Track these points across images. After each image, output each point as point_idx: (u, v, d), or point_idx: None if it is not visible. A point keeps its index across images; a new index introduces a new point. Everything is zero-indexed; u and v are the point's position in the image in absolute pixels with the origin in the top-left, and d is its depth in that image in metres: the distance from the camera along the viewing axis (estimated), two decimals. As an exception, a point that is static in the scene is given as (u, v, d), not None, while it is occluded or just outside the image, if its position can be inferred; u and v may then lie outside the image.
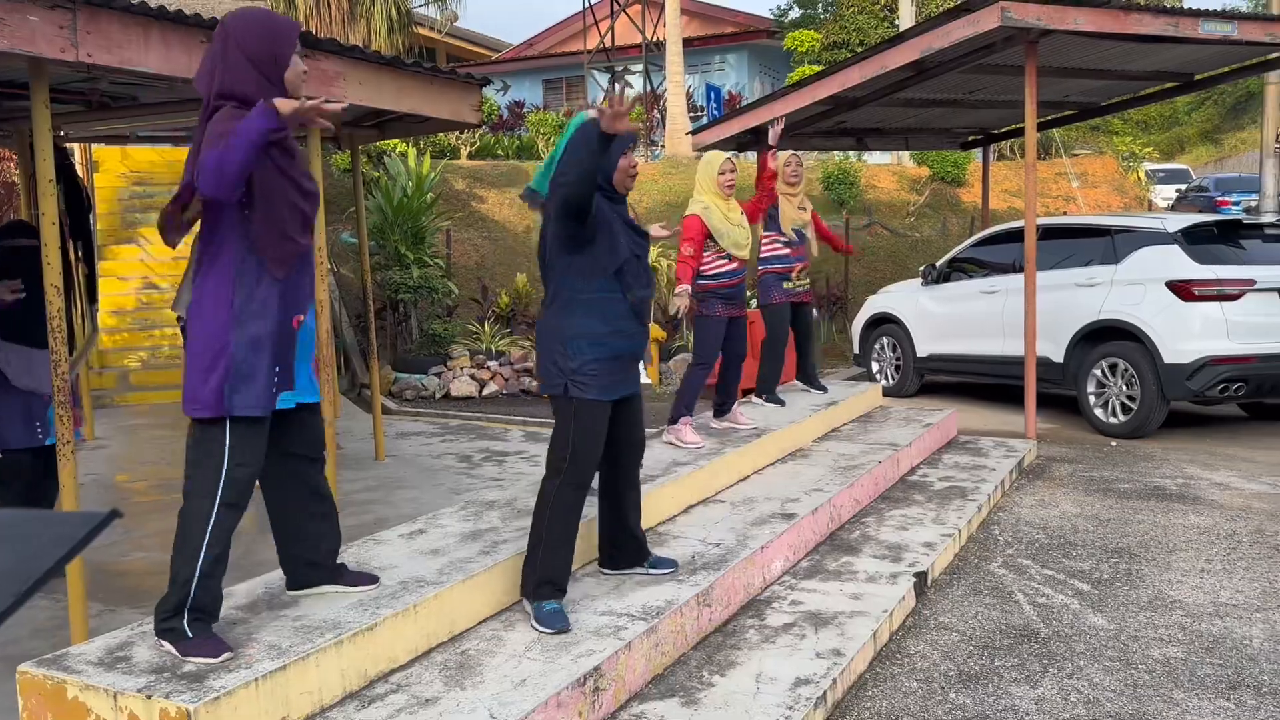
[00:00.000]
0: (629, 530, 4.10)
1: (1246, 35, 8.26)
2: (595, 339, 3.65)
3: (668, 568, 4.15)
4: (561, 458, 3.68)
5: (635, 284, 3.77)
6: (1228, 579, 4.79)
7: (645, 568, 4.14)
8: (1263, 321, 7.56)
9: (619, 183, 3.80)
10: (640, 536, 4.15)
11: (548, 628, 3.54)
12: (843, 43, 24.76)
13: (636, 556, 4.14)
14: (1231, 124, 34.95)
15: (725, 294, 5.88)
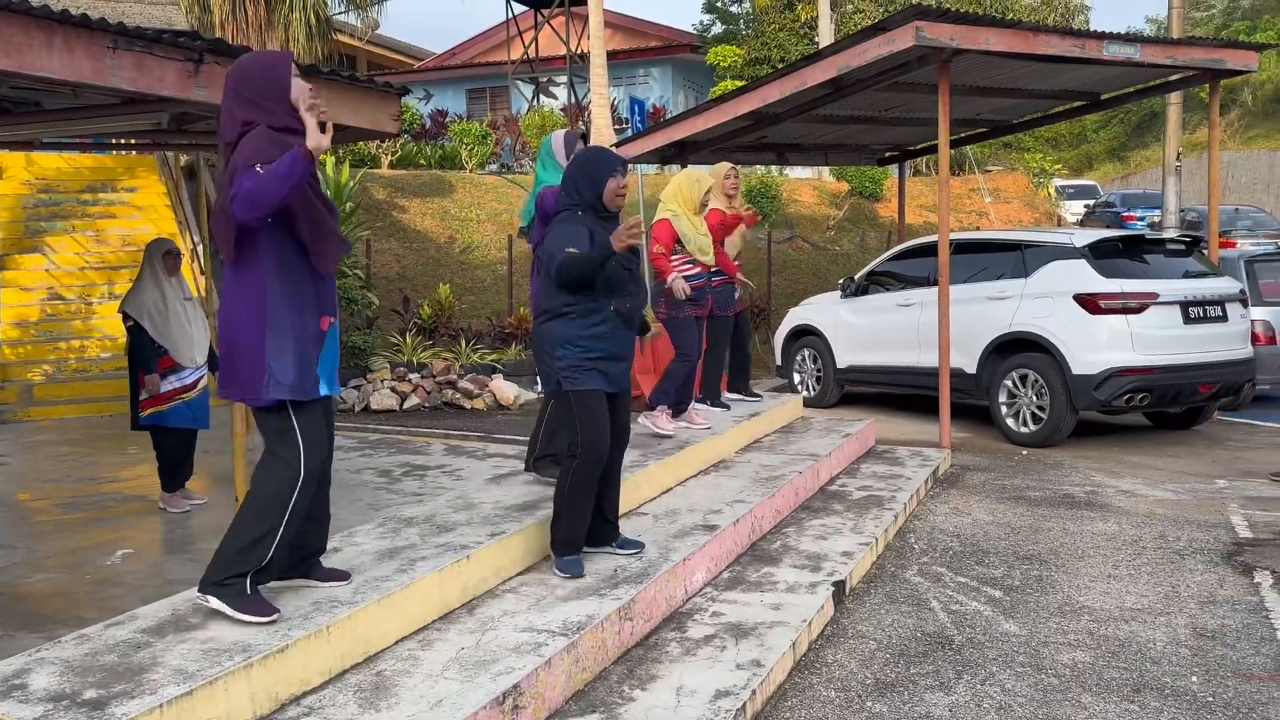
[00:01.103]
0: (603, 514, 4.52)
1: (1149, 58, 8.61)
2: (581, 343, 4.20)
3: (634, 548, 4.56)
4: (574, 443, 4.25)
5: (623, 295, 4.27)
6: (1133, 584, 4.95)
7: (613, 546, 4.57)
8: (1165, 334, 7.86)
9: (609, 202, 4.29)
10: (612, 520, 4.57)
11: (566, 573, 4.24)
12: (764, 59, 25.11)
13: (606, 537, 4.56)
14: (1137, 142, 36.33)
15: (692, 296, 6.44)
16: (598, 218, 4.27)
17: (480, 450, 8.09)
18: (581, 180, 4.29)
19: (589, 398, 4.23)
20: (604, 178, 4.26)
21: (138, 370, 5.92)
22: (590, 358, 4.21)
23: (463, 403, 10.74)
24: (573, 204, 4.31)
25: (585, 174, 4.30)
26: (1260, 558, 5.29)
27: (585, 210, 4.27)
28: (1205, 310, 8.05)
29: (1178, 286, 8.05)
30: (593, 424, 4.22)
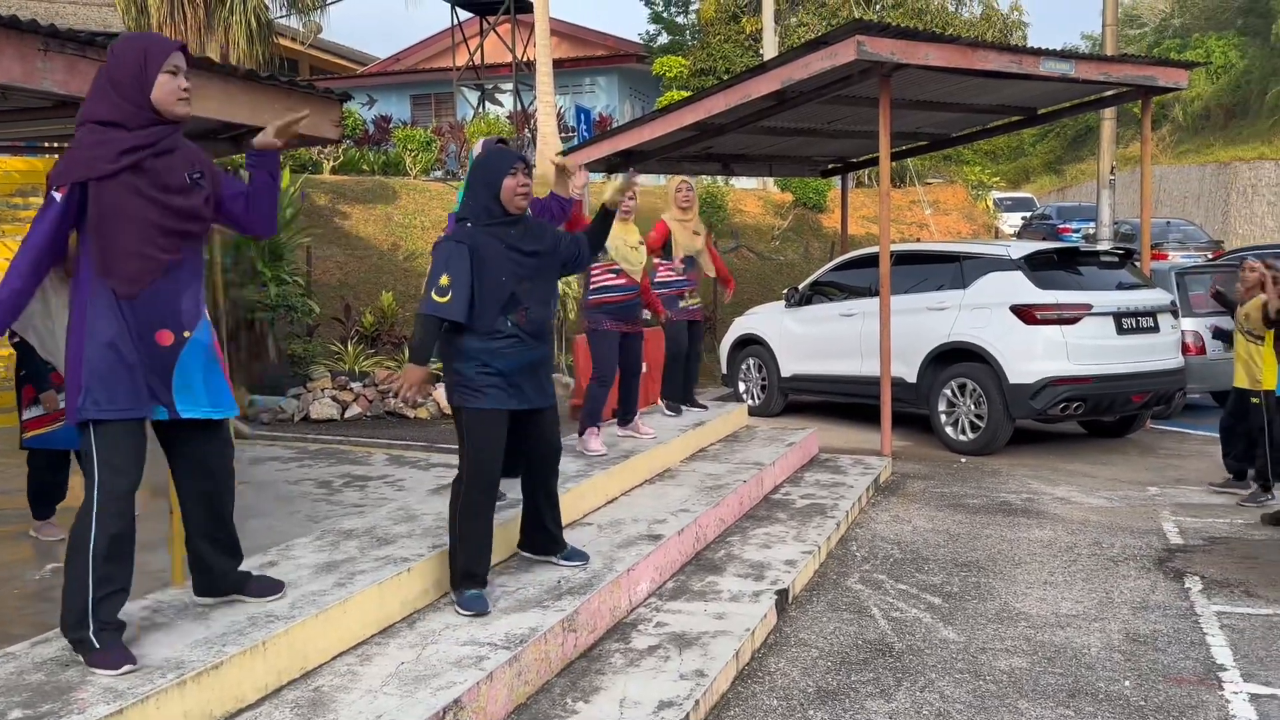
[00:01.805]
0: (544, 528, 4.44)
1: (1083, 74, 8.83)
2: (479, 357, 3.92)
3: (579, 560, 4.49)
4: (463, 466, 3.99)
5: (527, 303, 3.99)
6: (1068, 590, 5.04)
7: (558, 558, 4.49)
8: (1099, 344, 8.04)
9: (508, 202, 3.98)
10: (554, 532, 4.47)
11: (468, 610, 3.90)
12: (710, 70, 25.29)
13: (551, 548, 4.49)
14: (1072, 156, 37.18)
15: (613, 309, 6.19)
16: (497, 224, 3.96)
17: (423, 460, 8.01)
18: (479, 182, 4.02)
19: (483, 417, 3.93)
20: (499, 177, 3.95)
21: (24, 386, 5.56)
22: (487, 373, 3.91)
23: (405, 412, 10.62)
24: (469, 213, 4.01)
25: (481, 175, 4.03)
26: (1190, 563, 5.43)
27: (480, 216, 3.96)
28: (1137, 321, 8.25)
29: (1111, 298, 8.25)
30: (483, 445, 3.93)
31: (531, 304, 4.01)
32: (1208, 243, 18.45)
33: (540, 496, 4.38)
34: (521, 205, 4.00)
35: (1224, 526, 6.14)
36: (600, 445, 6.16)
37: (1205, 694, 3.81)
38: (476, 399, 3.93)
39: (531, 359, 4.04)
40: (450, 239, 3.98)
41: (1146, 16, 42.74)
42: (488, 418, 3.94)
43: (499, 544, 4.31)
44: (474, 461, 3.94)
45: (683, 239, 7.15)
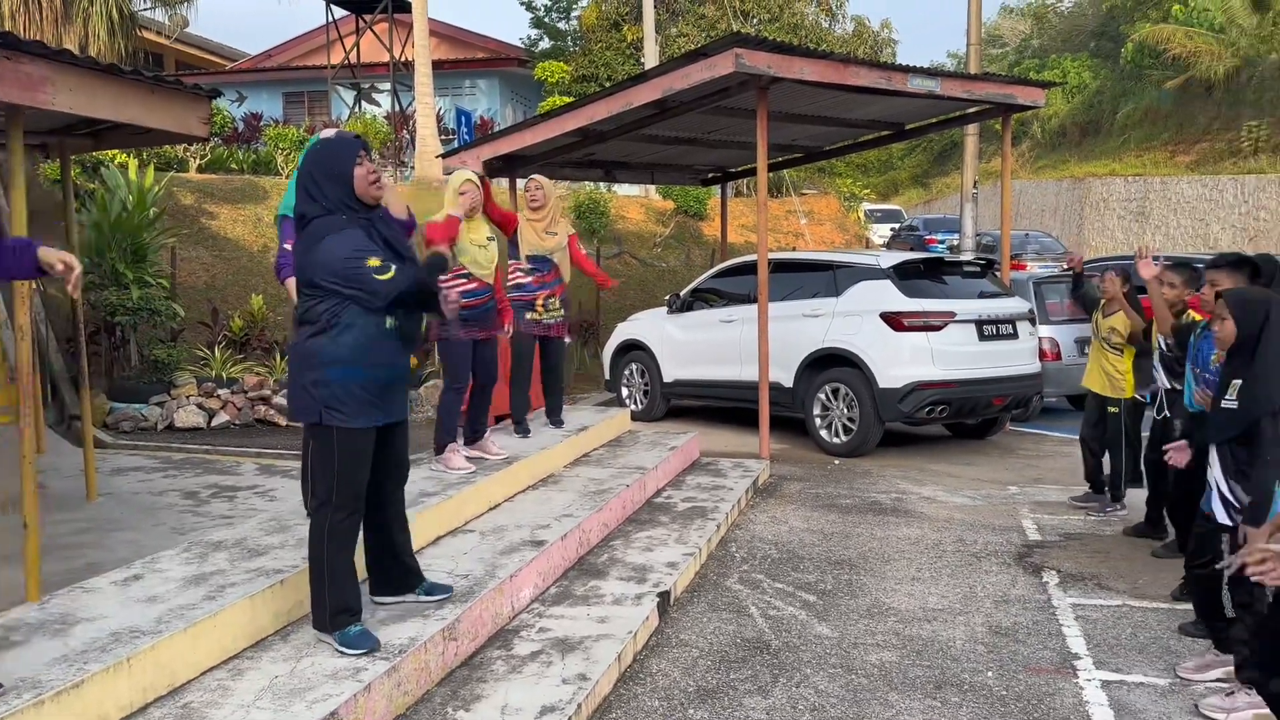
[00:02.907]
0: (397, 557, 4.02)
1: (948, 91, 9.21)
2: (353, 365, 3.54)
3: (442, 594, 4.11)
4: (328, 488, 3.59)
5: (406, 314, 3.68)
6: (934, 585, 5.26)
7: (418, 594, 4.07)
8: (962, 350, 8.40)
9: (363, 193, 3.64)
10: (409, 563, 4.08)
11: (358, 649, 3.54)
12: (592, 76, 25.39)
13: (407, 582, 4.06)
14: (938, 170, 38.74)
15: (465, 315, 5.71)
16: (360, 217, 3.62)
17: (295, 470, 7.76)
18: (324, 178, 3.58)
19: (354, 436, 3.55)
20: (348, 168, 3.58)
21: None
22: (361, 384, 3.54)
23: (276, 419, 10.30)
24: (323, 210, 3.57)
25: (324, 168, 3.60)
26: (1048, 558, 5.73)
27: (339, 211, 3.58)
28: (998, 328, 8.66)
29: (974, 306, 8.62)
30: (357, 467, 3.58)
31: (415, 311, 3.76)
32: (1064, 254, 19.45)
33: (392, 523, 3.96)
34: (377, 195, 3.66)
35: (1078, 524, 6.49)
36: (464, 461, 5.83)
37: (1062, 682, 4.03)
38: (345, 415, 3.53)
39: (405, 367, 3.79)
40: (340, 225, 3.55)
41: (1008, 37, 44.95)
42: (359, 436, 3.58)
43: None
44: (343, 485, 3.56)
45: (531, 238, 6.72)
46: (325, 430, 3.56)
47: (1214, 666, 4.00)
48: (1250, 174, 22.35)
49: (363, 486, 3.66)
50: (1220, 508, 3.85)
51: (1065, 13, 44.08)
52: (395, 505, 3.98)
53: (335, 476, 3.58)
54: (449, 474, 5.69)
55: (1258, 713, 3.60)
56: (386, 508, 3.93)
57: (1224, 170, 23.17)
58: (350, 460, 3.59)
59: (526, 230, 6.74)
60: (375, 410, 3.63)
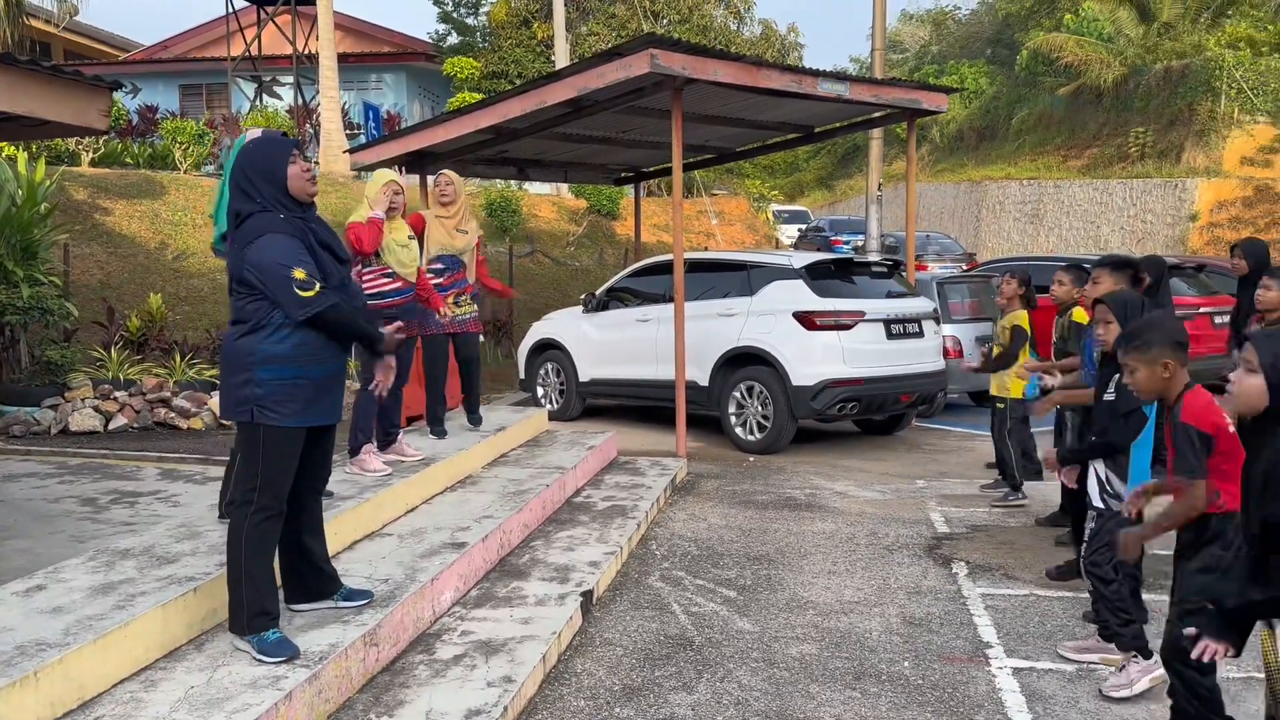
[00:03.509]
0: (313, 562, 3.94)
1: (857, 95, 9.42)
2: (288, 364, 3.50)
3: (362, 599, 4.04)
4: (250, 488, 3.52)
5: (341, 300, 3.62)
6: (850, 578, 5.37)
7: (336, 600, 3.99)
8: (871, 348, 8.60)
9: (298, 191, 3.60)
10: (327, 569, 4.00)
11: (275, 656, 3.45)
12: (502, 73, 25.19)
13: (324, 589, 3.98)
14: (842, 172, 39.58)
15: (390, 315, 5.60)
16: (296, 217, 3.59)
17: (199, 474, 7.53)
18: (258, 177, 3.55)
19: (285, 435, 3.50)
20: (282, 166, 3.56)
21: None
22: (296, 383, 3.50)
23: (178, 422, 9.95)
24: (259, 207, 3.54)
25: (258, 169, 3.57)
26: (957, 550, 5.91)
27: (274, 209, 3.55)
28: (905, 327, 8.89)
29: (882, 306, 8.84)
30: (280, 467, 3.53)
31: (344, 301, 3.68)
32: (963, 255, 20.07)
33: (309, 529, 3.87)
34: (312, 192, 3.65)
35: (984, 515, 6.71)
36: (380, 463, 5.73)
37: (975, 670, 4.16)
38: (278, 414, 3.48)
39: (341, 366, 3.73)
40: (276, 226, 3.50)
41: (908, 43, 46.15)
42: (289, 436, 3.53)
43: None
44: (267, 485, 3.50)
45: (440, 236, 6.64)
46: (255, 429, 3.50)
47: (1094, 651, 4.18)
48: (1137, 178, 23.40)
49: (286, 488, 3.59)
50: (1095, 492, 4.04)
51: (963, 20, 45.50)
52: (313, 510, 3.91)
53: (260, 476, 3.51)
54: (364, 476, 5.59)
55: (1151, 676, 3.84)
56: (304, 513, 3.84)
57: (1113, 174, 24.21)
58: (277, 461, 3.53)
59: (436, 228, 6.64)
60: (310, 411, 3.58)
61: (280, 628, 3.58)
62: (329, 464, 3.93)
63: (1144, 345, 3.18)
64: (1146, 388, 3.21)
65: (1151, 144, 24.30)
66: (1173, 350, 3.16)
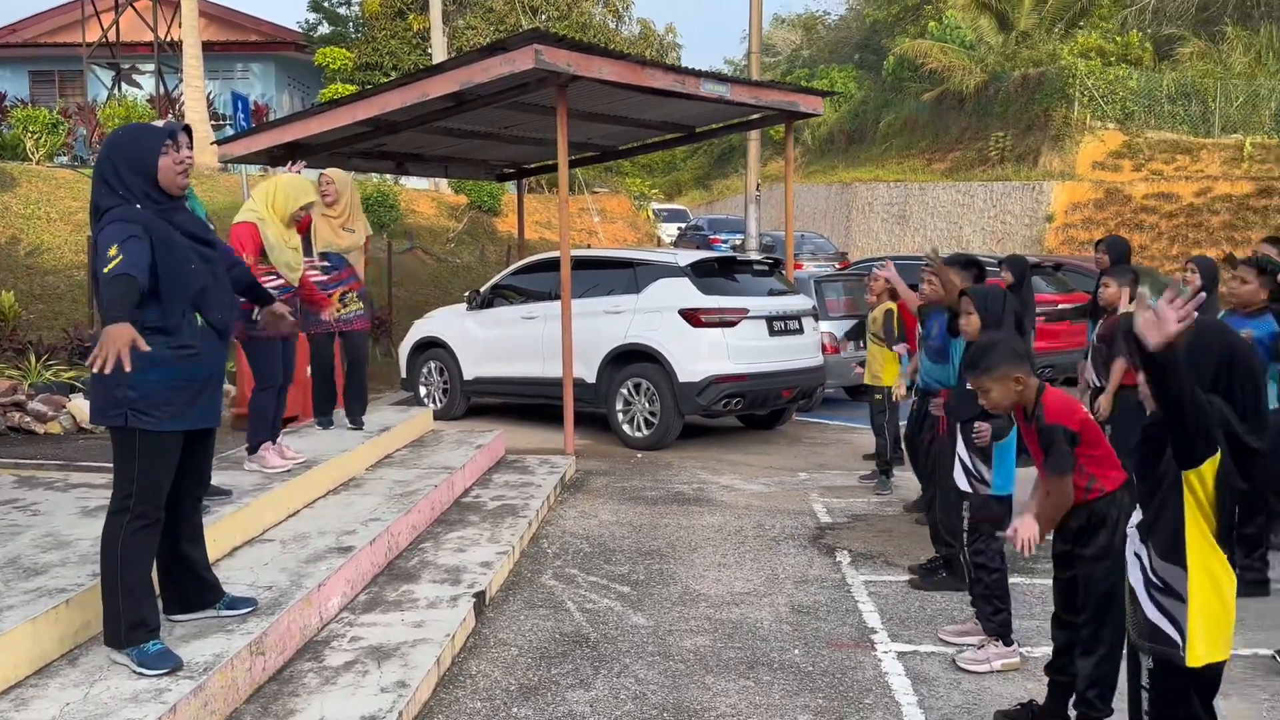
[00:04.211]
0: (193, 571, 3.79)
1: (738, 97, 9.58)
2: (163, 364, 3.35)
3: (245, 607, 3.90)
4: (125, 495, 3.38)
5: (214, 306, 3.50)
6: (739, 570, 5.47)
7: (218, 609, 3.85)
8: (754, 345, 8.77)
9: (168, 184, 3.46)
10: (208, 577, 3.87)
11: (157, 669, 3.31)
12: (376, 65, 24.64)
13: (205, 598, 3.84)
14: (719, 172, 40.19)
15: None
16: (164, 210, 3.44)
17: (60, 481, 7.09)
18: (123, 165, 3.41)
19: (161, 440, 3.38)
20: (153, 157, 3.41)
21: None
22: (172, 386, 3.37)
23: (33, 427, 9.37)
24: (119, 200, 3.40)
25: (126, 157, 3.42)
26: (839, 539, 6.08)
27: (137, 201, 3.40)
28: (786, 324, 9.10)
29: (764, 303, 9.02)
30: (159, 472, 3.39)
31: (221, 297, 3.58)
32: (835, 254, 20.67)
33: (189, 536, 3.72)
34: (183, 185, 3.50)
35: (863, 505, 6.93)
36: (280, 459, 5.69)
37: (862, 655, 4.30)
38: (155, 418, 3.34)
39: (219, 368, 3.60)
40: (119, 220, 3.32)
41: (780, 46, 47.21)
42: (166, 441, 3.40)
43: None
44: (144, 491, 3.36)
45: (326, 234, 6.59)
46: (129, 434, 3.36)
47: (973, 634, 4.38)
48: (997, 181, 24.53)
49: (164, 495, 3.45)
50: (962, 477, 4.24)
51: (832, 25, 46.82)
52: (192, 517, 3.77)
53: (135, 483, 3.37)
54: (242, 481, 5.41)
55: (1005, 661, 4.06)
56: (182, 520, 3.70)
57: (975, 177, 25.31)
58: (153, 466, 3.39)
59: (322, 226, 6.55)
60: (187, 414, 3.44)
61: (161, 639, 3.43)
62: (209, 469, 3.81)
63: (989, 368, 3.34)
64: (1004, 404, 3.38)
65: (1010, 148, 25.50)
66: (1016, 364, 3.32)
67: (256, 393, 5.68)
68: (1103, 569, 3.30)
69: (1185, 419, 2.27)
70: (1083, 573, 3.36)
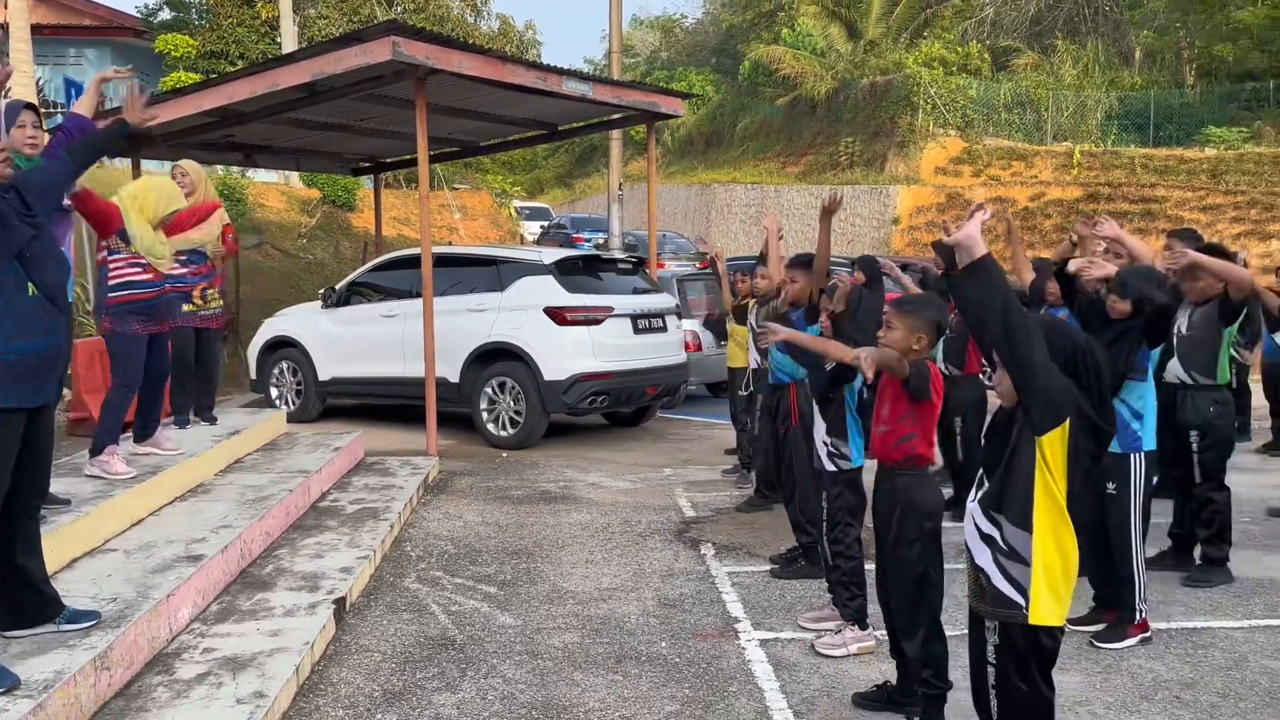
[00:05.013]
0: (31, 584, 3.55)
1: (600, 96, 9.62)
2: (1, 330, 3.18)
3: (88, 621, 3.67)
4: None
5: (41, 267, 3.33)
6: (607, 566, 5.50)
7: (58, 624, 3.61)
8: (619, 343, 8.83)
9: None
10: (47, 590, 3.63)
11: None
12: (222, 53, 23.62)
13: (44, 613, 3.59)
14: (581, 171, 40.22)
15: (140, 308, 5.45)
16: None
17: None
18: None
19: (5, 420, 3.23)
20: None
21: None
22: (10, 356, 3.23)
23: None
24: None
25: None
26: (704, 533, 6.18)
27: None
28: (650, 322, 9.19)
29: (629, 301, 9.09)
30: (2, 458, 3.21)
31: (44, 269, 3.38)
32: (696, 254, 20.98)
33: (24, 548, 3.49)
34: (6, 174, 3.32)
35: (726, 499, 7.06)
36: (125, 465, 5.39)
37: (726, 645, 4.39)
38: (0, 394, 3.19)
39: (62, 341, 3.43)
40: None
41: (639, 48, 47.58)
42: (9, 421, 3.23)
43: None
44: None
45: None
46: None
47: (830, 620, 4.54)
48: (848, 184, 25.40)
49: (4, 483, 3.22)
50: (826, 459, 4.39)
51: (689, 28, 47.51)
52: (28, 528, 3.53)
53: None
54: (81, 489, 5.10)
55: (861, 645, 4.23)
56: (18, 531, 3.47)
57: (826, 180, 26.13)
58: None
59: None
60: (29, 389, 3.26)
61: None
62: (47, 478, 3.59)
63: (912, 312, 3.53)
64: (898, 345, 3.53)
65: (859, 153, 26.46)
66: (931, 328, 3.54)
67: (113, 391, 5.50)
68: (916, 552, 3.51)
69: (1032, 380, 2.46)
70: (896, 556, 3.56)
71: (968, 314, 2.55)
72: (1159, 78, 26.60)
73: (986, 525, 2.65)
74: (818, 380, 4.39)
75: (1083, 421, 2.51)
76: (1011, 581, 2.58)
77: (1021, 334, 2.44)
